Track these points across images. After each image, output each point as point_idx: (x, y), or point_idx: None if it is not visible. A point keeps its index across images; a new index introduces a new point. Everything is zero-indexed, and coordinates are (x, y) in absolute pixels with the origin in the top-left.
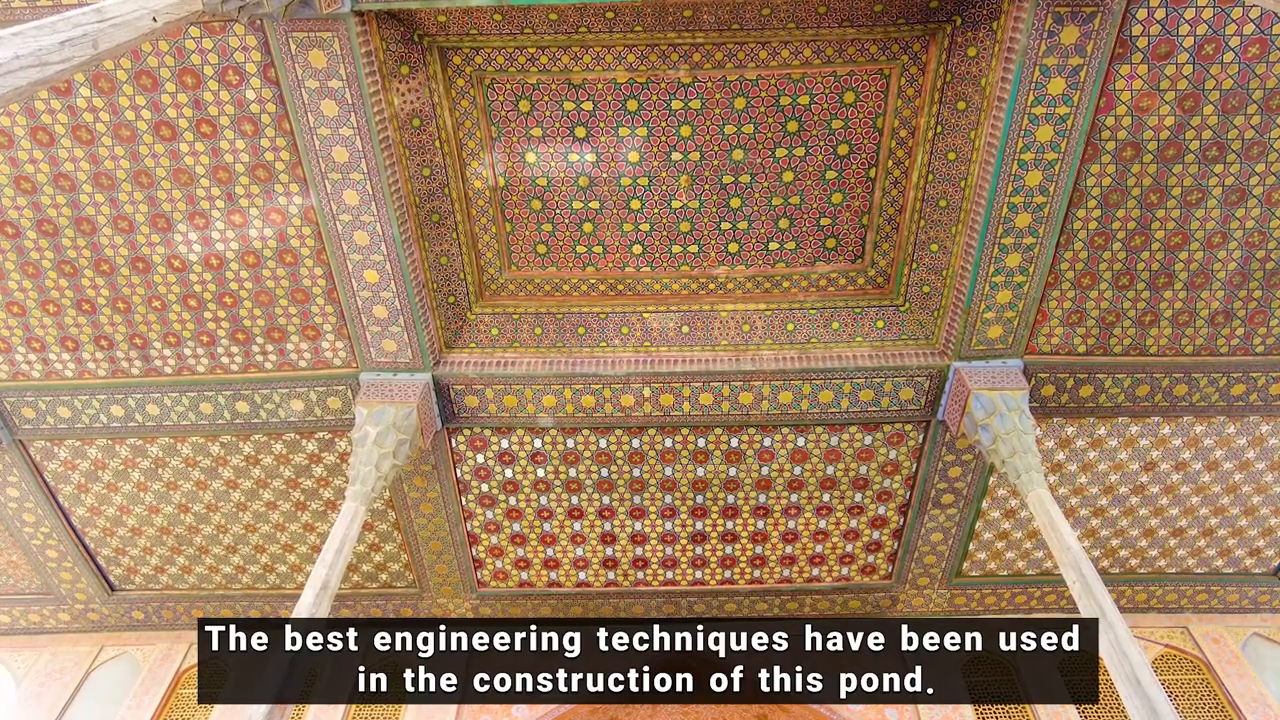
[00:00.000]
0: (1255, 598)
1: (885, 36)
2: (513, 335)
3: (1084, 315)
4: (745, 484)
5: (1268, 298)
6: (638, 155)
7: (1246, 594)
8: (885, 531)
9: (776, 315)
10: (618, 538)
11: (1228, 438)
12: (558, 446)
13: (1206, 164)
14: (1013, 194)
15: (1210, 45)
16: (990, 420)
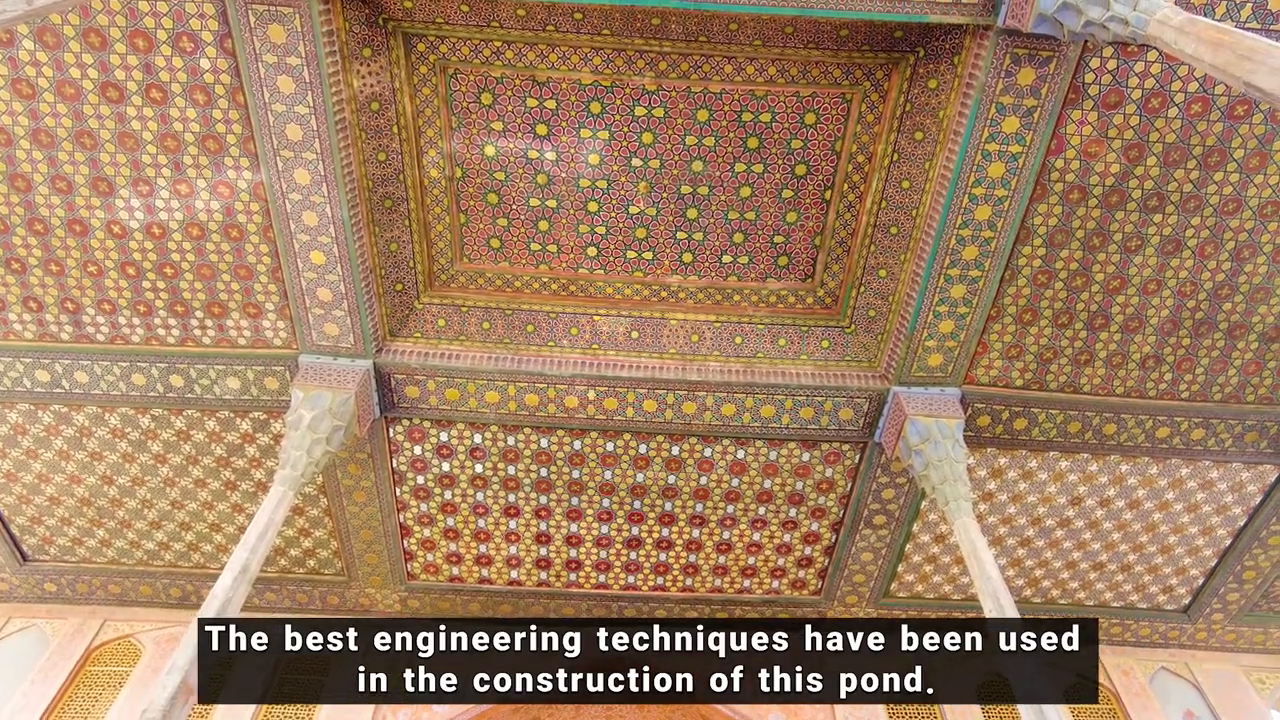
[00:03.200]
0: (1165, 633)
1: (849, 61)
2: (460, 328)
3: (1023, 350)
4: (683, 492)
5: (1195, 346)
6: (598, 158)
7: (1158, 629)
8: (817, 548)
9: (725, 328)
10: (553, 538)
11: (1150, 478)
12: (498, 443)
13: (1147, 213)
14: (961, 226)
15: (1156, 99)
16: (924, 446)
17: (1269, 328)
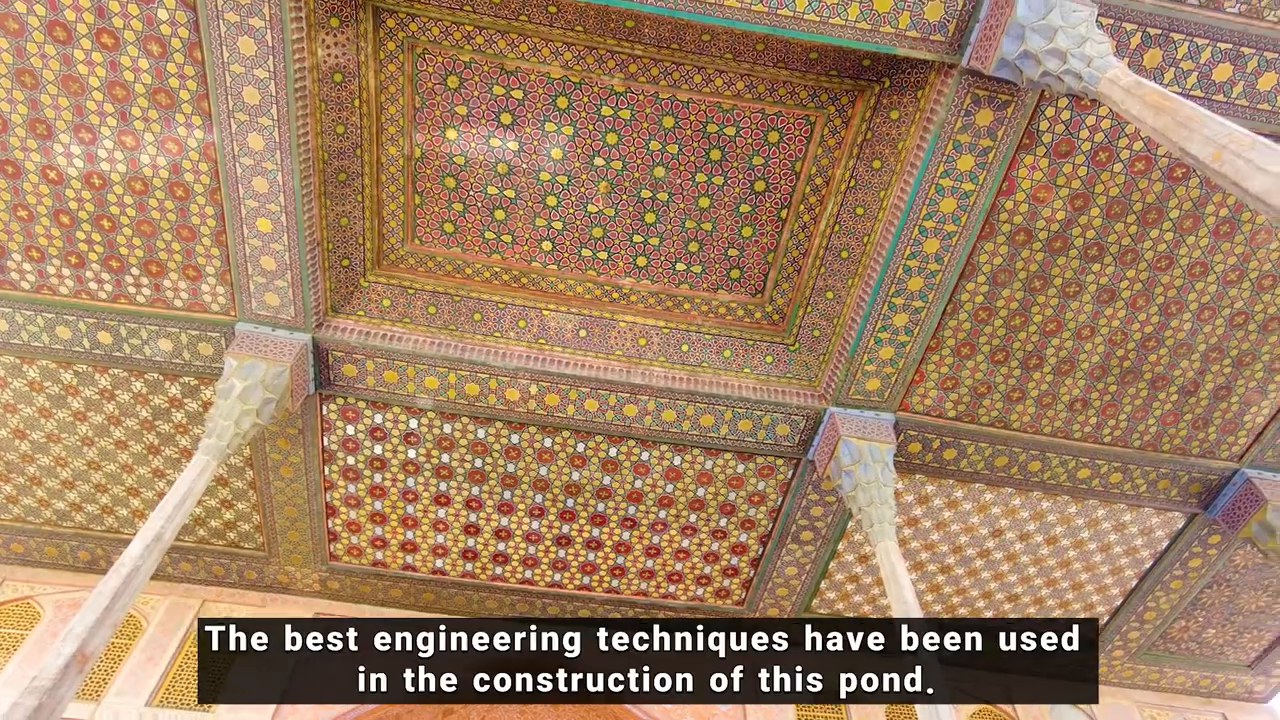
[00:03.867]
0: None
1: (816, 84)
2: (404, 309)
3: (958, 383)
4: (618, 494)
5: (1120, 393)
6: (561, 153)
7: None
8: (744, 559)
9: (673, 334)
10: (482, 530)
11: (1068, 516)
12: (433, 430)
13: (1086, 261)
14: (910, 257)
15: (1104, 153)
16: (855, 468)
17: (1188, 382)
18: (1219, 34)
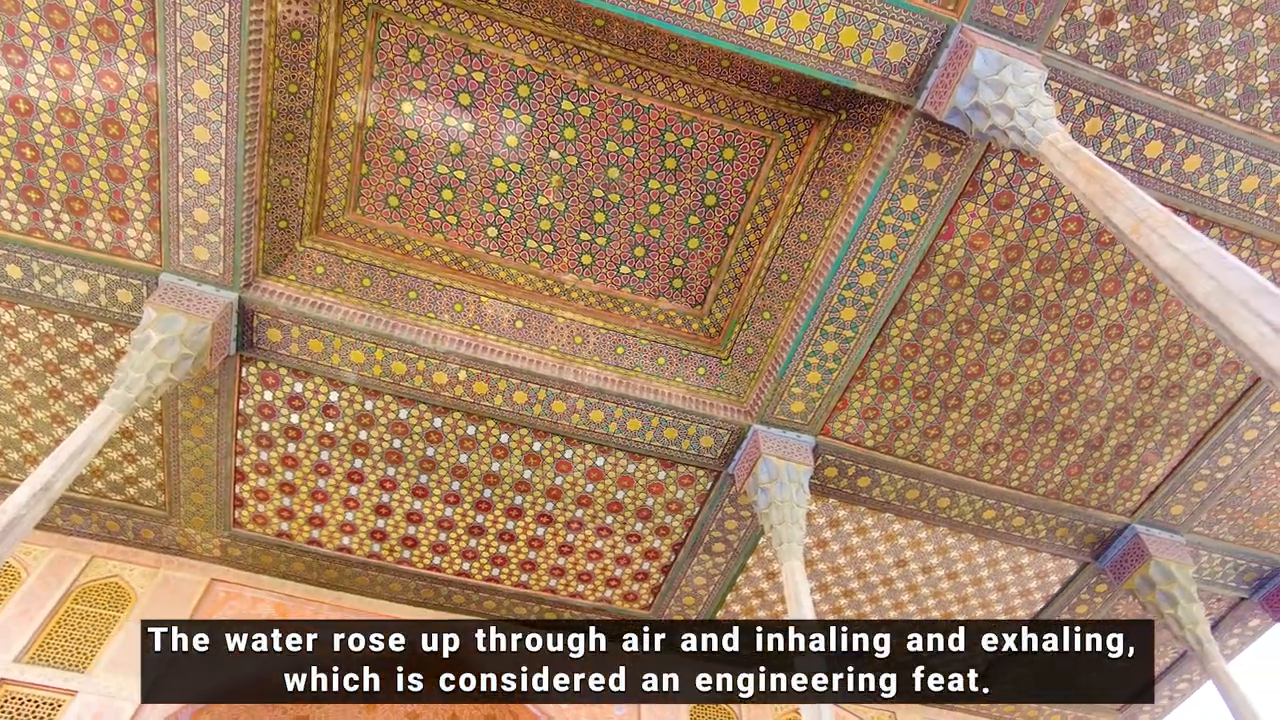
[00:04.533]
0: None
1: (775, 108)
2: (338, 279)
3: (879, 414)
4: (536, 489)
5: (1031, 441)
6: (516, 141)
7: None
8: (655, 565)
9: (610, 336)
10: (393, 512)
11: (970, 554)
12: (354, 405)
13: (1013, 311)
14: (845, 287)
15: (1041, 210)
16: (771, 485)
17: (1094, 437)
18: (1155, 112)
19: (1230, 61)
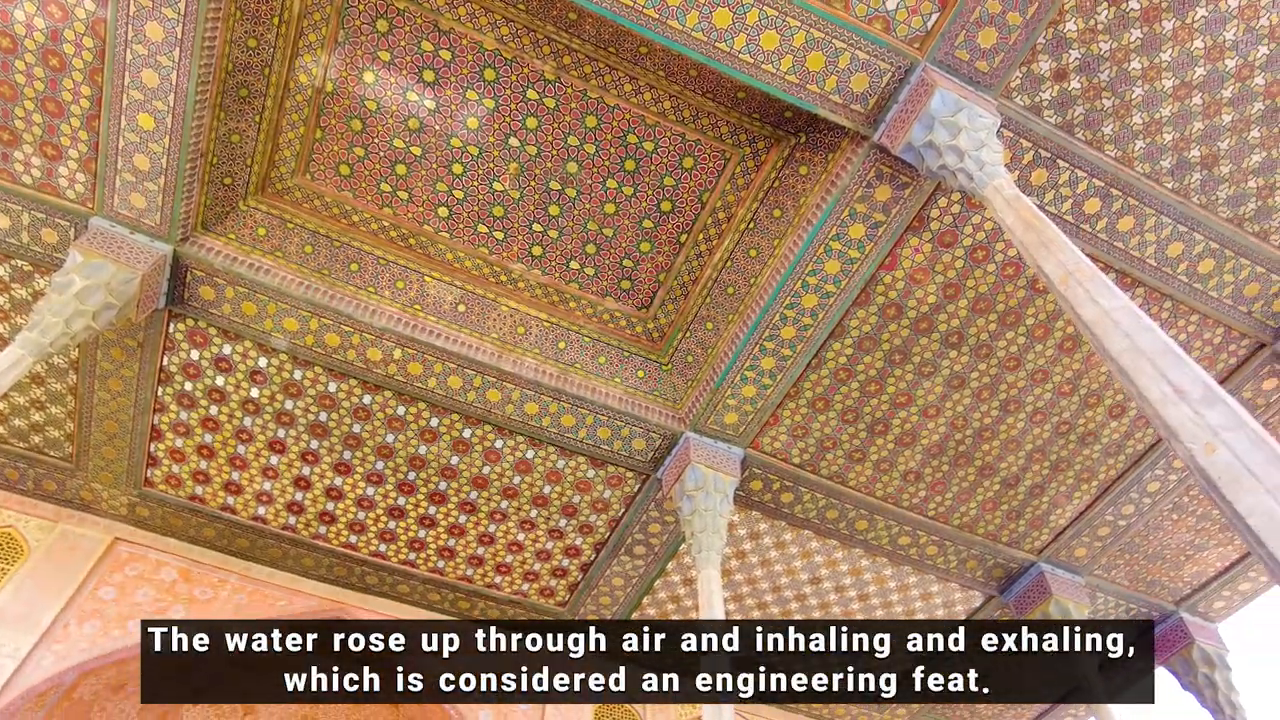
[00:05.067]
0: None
1: (738, 123)
2: (279, 242)
3: (808, 433)
4: (462, 476)
5: (951, 473)
6: (477, 123)
7: (852, 712)
8: (575, 562)
9: (553, 330)
10: (313, 486)
11: (883, 577)
12: (283, 373)
13: (945, 347)
14: (788, 307)
15: (982, 251)
16: (697, 493)
17: (1011, 475)
18: (1096, 171)
19: (1168, 132)
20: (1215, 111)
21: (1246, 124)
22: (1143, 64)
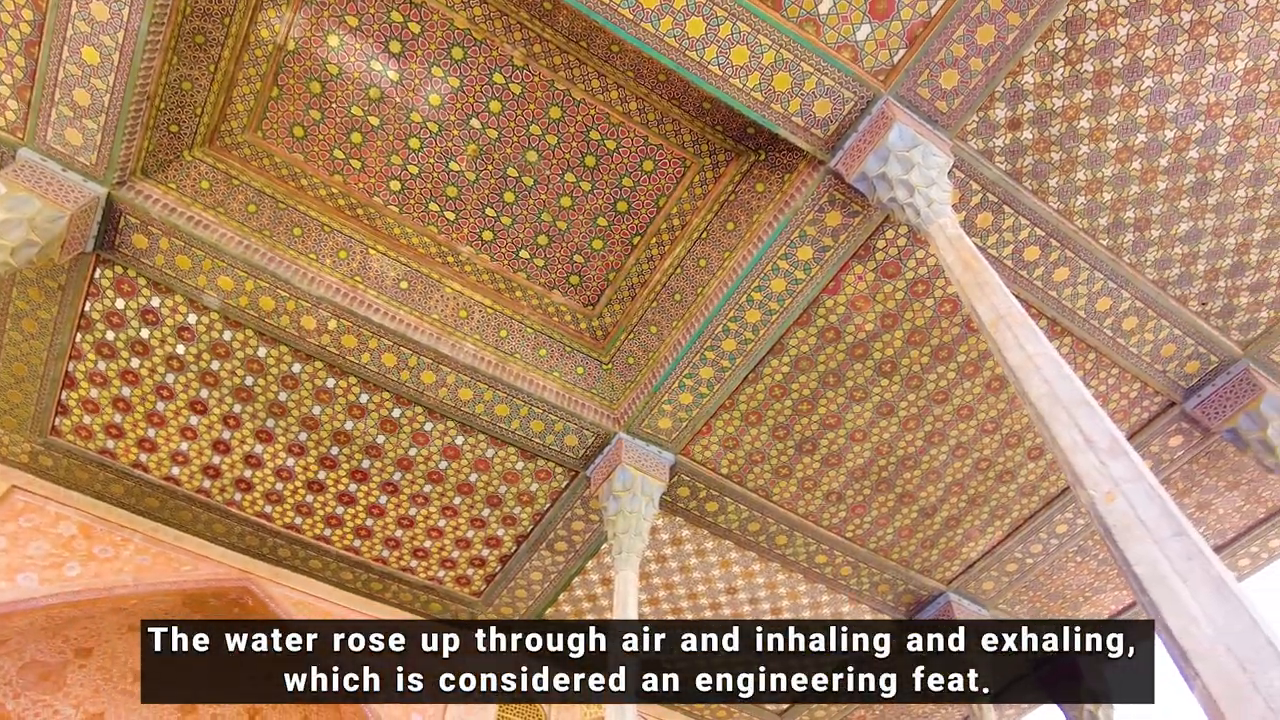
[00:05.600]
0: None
1: (700, 133)
2: (222, 198)
3: (739, 445)
4: (388, 456)
5: (872, 498)
6: (439, 100)
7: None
8: (495, 553)
9: (496, 317)
10: (232, 451)
11: (797, 593)
12: (212, 332)
13: (878, 375)
14: (731, 319)
15: (922, 286)
16: (624, 494)
17: (929, 505)
18: (1039, 220)
19: (1108, 192)
20: (1152, 178)
21: (1178, 193)
22: (1091, 124)
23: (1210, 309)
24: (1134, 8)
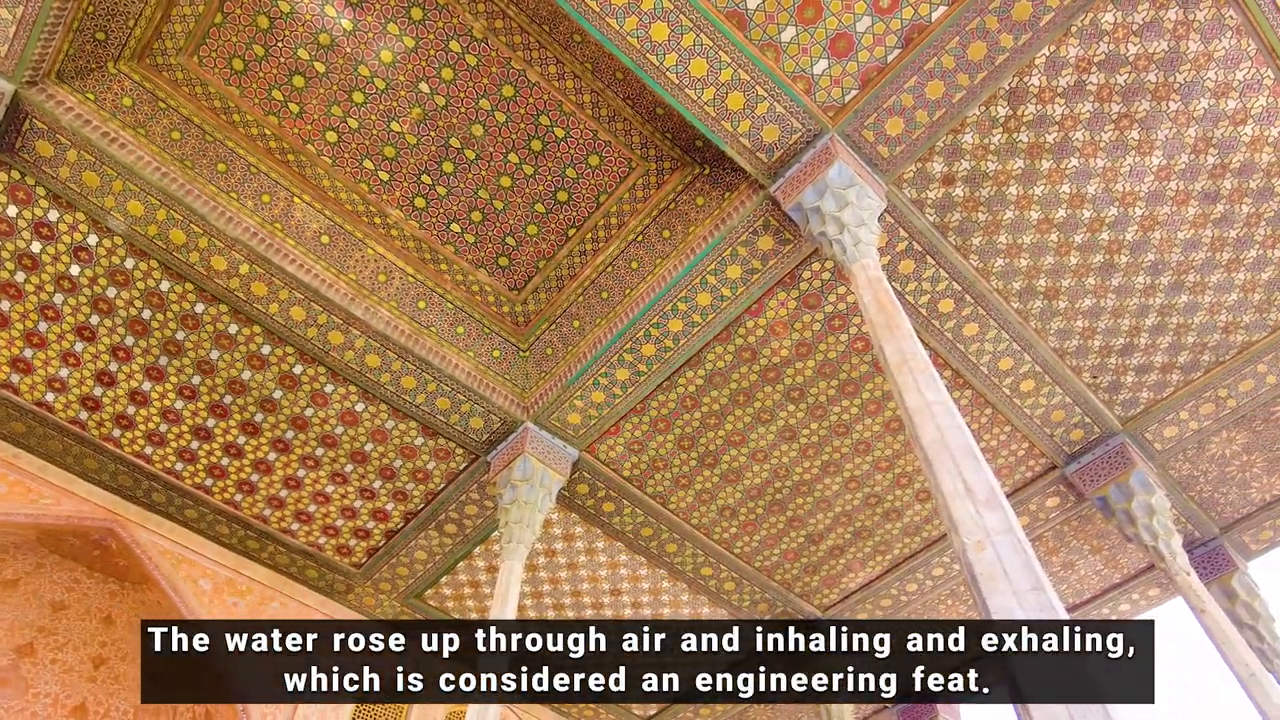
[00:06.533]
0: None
1: (650, 137)
2: (144, 118)
3: (644, 449)
4: (283, 413)
5: (763, 518)
6: (391, 58)
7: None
8: (381, 527)
9: (417, 287)
10: (117, 384)
11: (678, 601)
12: (113, 258)
13: (786, 400)
14: (654, 326)
15: (839, 320)
16: (522, 484)
17: (816, 532)
18: (957, 275)
19: (1025, 258)
20: (1066, 252)
21: (1087, 270)
22: (1018, 192)
23: (1100, 383)
24: (1071, 90)
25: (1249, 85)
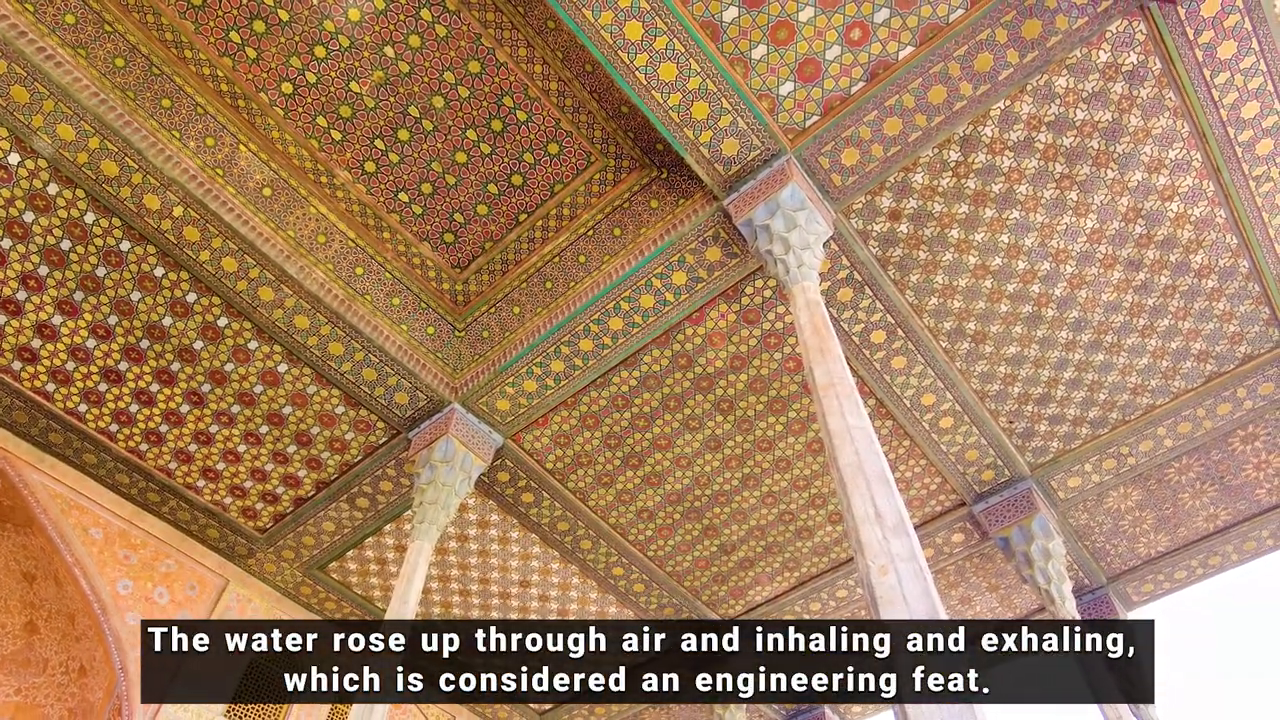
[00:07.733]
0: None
1: (612, 134)
2: (86, 41)
3: (569, 444)
4: (201, 365)
5: (680, 523)
6: (359, 16)
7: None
8: (290, 493)
9: (356, 252)
10: (24, 315)
11: (587, 599)
12: (35, 180)
13: (716, 410)
14: (595, 321)
15: (774, 339)
16: (441, 465)
17: (729, 543)
18: (892, 309)
19: (958, 300)
20: (998, 299)
21: (1015, 319)
22: (960, 235)
23: (1015, 428)
24: (1020, 145)
25: (1179, 164)
